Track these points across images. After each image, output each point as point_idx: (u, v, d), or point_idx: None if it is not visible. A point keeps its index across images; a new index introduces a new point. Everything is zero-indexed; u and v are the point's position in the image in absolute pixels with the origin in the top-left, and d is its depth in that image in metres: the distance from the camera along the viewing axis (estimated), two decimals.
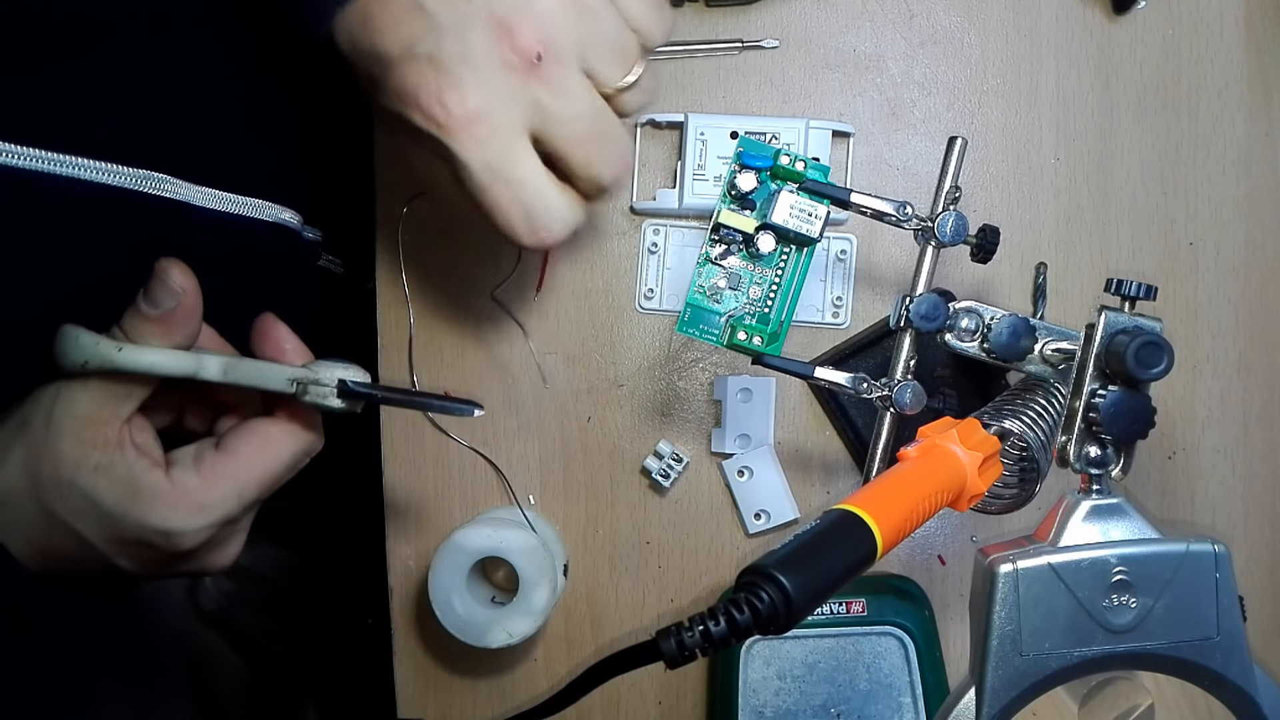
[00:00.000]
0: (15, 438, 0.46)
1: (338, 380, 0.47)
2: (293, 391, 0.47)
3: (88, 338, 0.45)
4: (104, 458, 0.45)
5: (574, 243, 0.64)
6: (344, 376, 0.47)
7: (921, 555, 0.65)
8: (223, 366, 0.47)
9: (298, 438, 0.49)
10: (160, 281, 0.45)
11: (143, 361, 0.45)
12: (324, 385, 0.47)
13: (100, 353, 0.45)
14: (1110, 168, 0.64)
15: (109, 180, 0.47)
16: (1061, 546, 0.43)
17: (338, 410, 0.48)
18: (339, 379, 0.47)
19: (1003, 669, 0.42)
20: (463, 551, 0.58)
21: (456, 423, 0.64)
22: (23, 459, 0.45)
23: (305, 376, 0.47)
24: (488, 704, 0.65)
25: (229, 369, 0.47)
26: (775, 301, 0.53)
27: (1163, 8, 0.64)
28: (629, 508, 0.64)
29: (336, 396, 0.47)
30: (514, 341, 0.64)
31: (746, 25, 0.64)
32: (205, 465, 0.47)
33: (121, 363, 0.45)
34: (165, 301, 0.45)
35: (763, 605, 0.34)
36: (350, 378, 0.47)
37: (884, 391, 0.50)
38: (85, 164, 0.46)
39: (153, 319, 0.45)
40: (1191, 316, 0.64)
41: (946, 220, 0.50)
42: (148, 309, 0.45)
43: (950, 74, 0.64)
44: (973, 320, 0.50)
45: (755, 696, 0.60)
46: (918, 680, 0.60)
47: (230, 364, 0.47)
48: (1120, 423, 0.44)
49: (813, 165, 0.52)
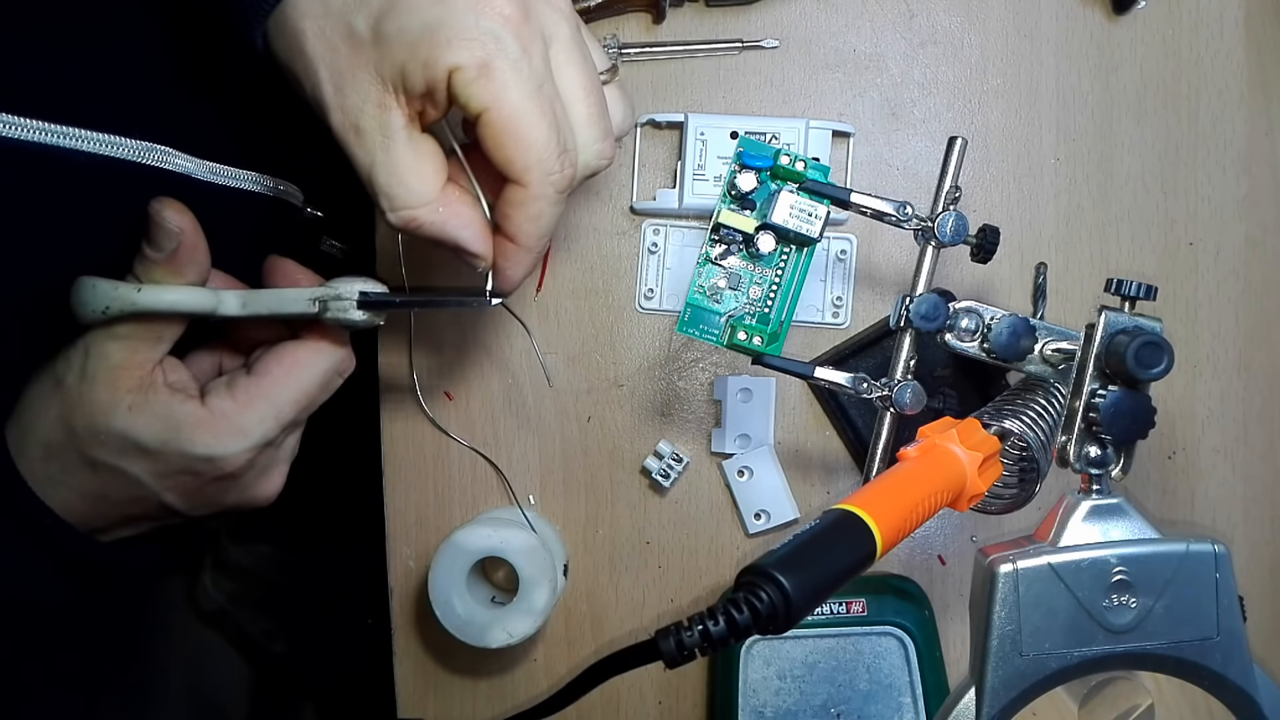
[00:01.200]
0: (51, 394, 0.47)
1: (357, 292, 0.48)
2: (315, 311, 0.48)
3: (105, 284, 0.46)
4: (137, 399, 0.47)
5: (574, 243, 0.64)
6: (362, 289, 0.49)
7: (921, 555, 0.65)
8: (241, 299, 0.49)
9: (326, 354, 0.51)
10: (156, 224, 0.46)
11: (163, 300, 0.47)
12: (344, 299, 0.48)
13: (120, 296, 0.46)
14: (1110, 168, 0.64)
15: (111, 153, 0.47)
16: (1061, 546, 0.43)
17: (360, 324, 0.49)
18: (359, 291, 0.48)
19: (1003, 669, 0.42)
20: (463, 551, 0.58)
21: (456, 422, 0.64)
22: (59, 414, 0.47)
23: (325, 294, 0.48)
24: (488, 704, 0.65)
25: (248, 301, 0.49)
26: (775, 301, 0.53)
27: (1163, 8, 0.64)
28: (629, 508, 0.65)
29: (357, 309, 0.48)
30: (514, 341, 0.64)
31: (746, 25, 0.64)
32: (239, 389, 0.49)
33: (142, 303, 0.46)
34: (166, 243, 0.46)
35: (762, 605, 0.34)
36: (368, 289, 0.49)
37: (884, 391, 0.50)
38: (87, 136, 0.46)
39: (160, 262, 0.47)
40: (1191, 316, 0.65)
41: (946, 220, 0.50)
42: (152, 253, 0.47)
43: (950, 74, 0.64)
44: (973, 320, 0.50)
45: (755, 696, 0.60)
46: (918, 680, 0.60)
47: (249, 295, 0.49)
48: (1120, 423, 0.44)
49: (813, 165, 0.52)
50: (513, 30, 0.42)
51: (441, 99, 0.43)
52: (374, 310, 0.49)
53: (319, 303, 0.48)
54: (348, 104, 0.44)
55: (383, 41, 0.43)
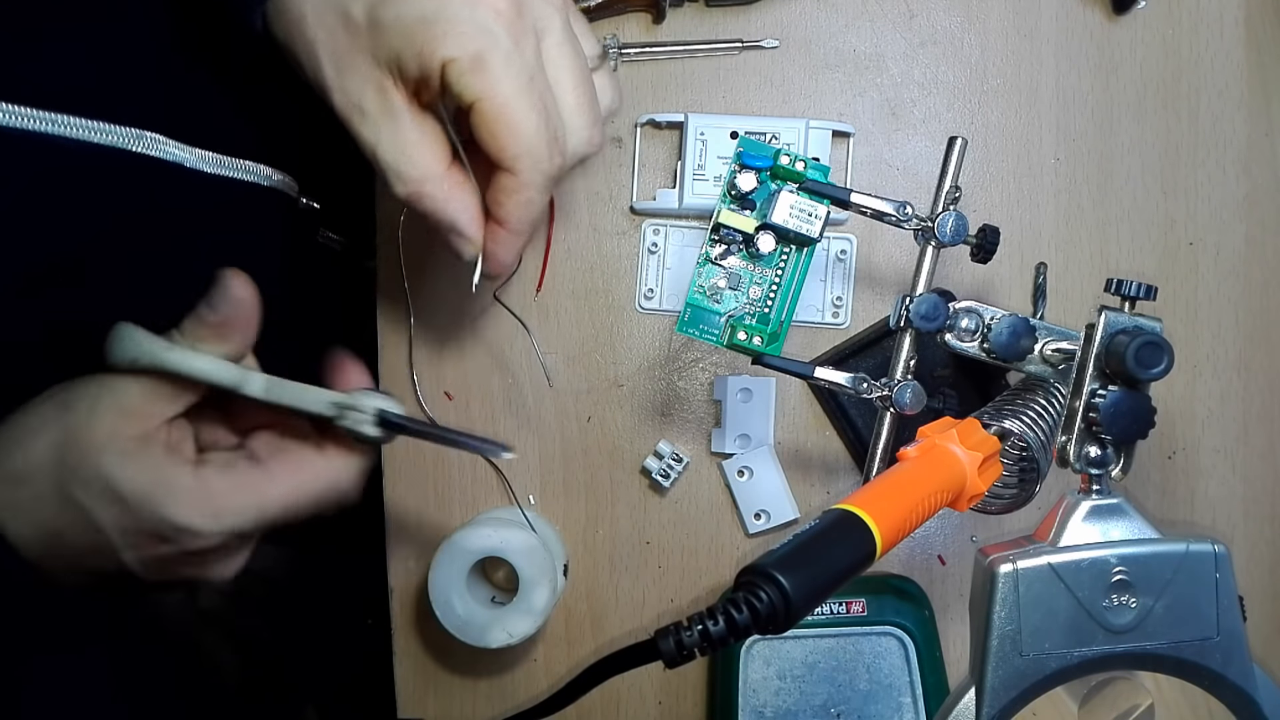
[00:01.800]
0: (53, 418, 0.46)
1: (376, 410, 0.48)
2: (331, 415, 0.48)
3: (141, 335, 0.46)
4: (134, 446, 0.46)
5: (574, 243, 0.64)
6: (383, 407, 0.48)
7: (921, 555, 0.65)
8: (266, 384, 0.48)
9: (331, 469, 0.49)
10: (222, 289, 0.46)
11: (191, 365, 0.46)
12: (362, 413, 0.48)
13: (150, 350, 0.46)
14: (1110, 168, 0.64)
15: (103, 140, 0.47)
16: (1061, 546, 0.43)
17: (373, 439, 0.48)
18: (378, 409, 0.48)
19: (1003, 669, 0.42)
20: (463, 551, 0.58)
21: (456, 422, 0.64)
22: (54, 439, 0.46)
23: (345, 401, 0.48)
24: (488, 704, 0.65)
25: (272, 387, 0.48)
26: (775, 301, 0.53)
27: (1163, 8, 0.64)
28: (629, 508, 0.65)
29: (374, 426, 0.48)
30: (514, 341, 0.64)
31: (746, 25, 0.64)
32: (235, 472, 0.48)
33: (170, 362, 0.46)
34: (223, 308, 0.46)
35: (761, 605, 0.34)
36: (389, 408, 0.48)
37: (884, 391, 0.50)
38: (80, 123, 0.46)
39: (210, 323, 0.46)
40: (1191, 316, 0.64)
41: (946, 220, 0.50)
42: (207, 313, 0.46)
43: (950, 74, 0.64)
44: (973, 320, 0.50)
45: (755, 696, 0.60)
46: (918, 680, 0.60)
47: (274, 383, 0.48)
48: (1120, 423, 0.44)
49: (813, 165, 0.52)
50: (505, 24, 0.43)
51: (435, 86, 0.44)
52: (390, 430, 0.48)
53: (338, 408, 0.48)
54: (349, 86, 0.44)
55: (379, 29, 0.43)
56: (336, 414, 0.48)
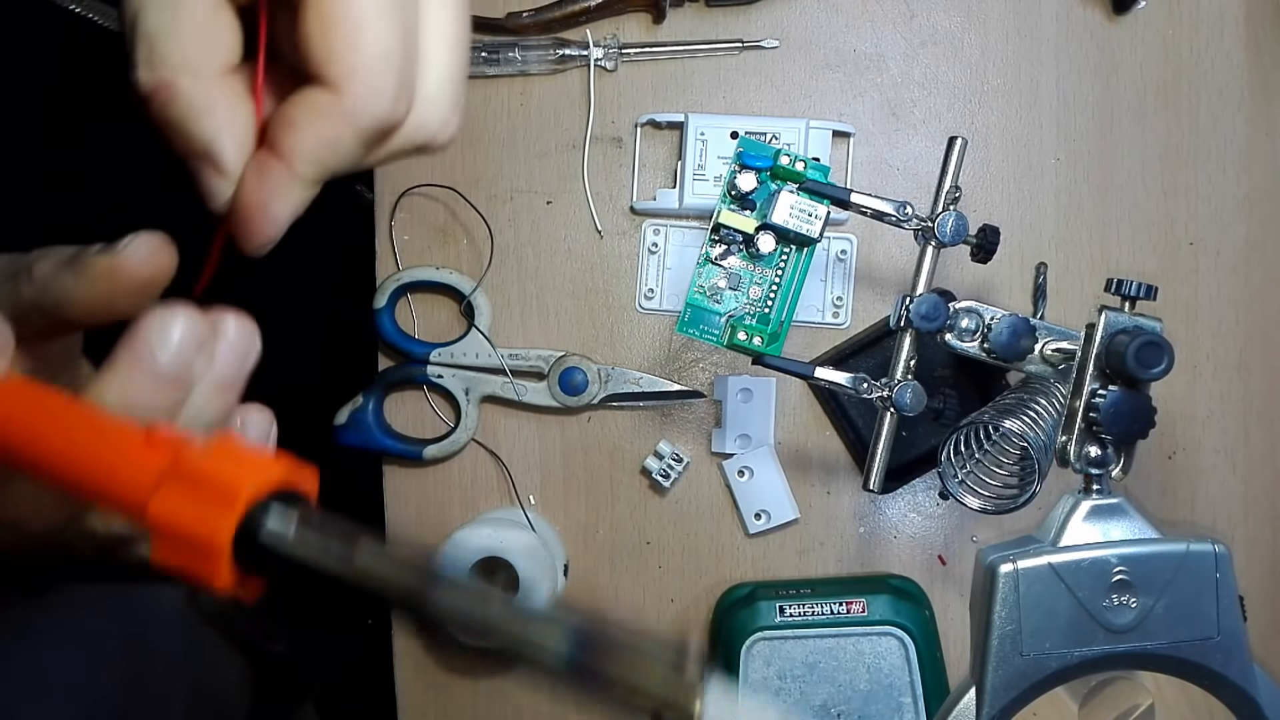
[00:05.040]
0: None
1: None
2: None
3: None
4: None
5: (574, 243, 0.64)
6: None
7: (921, 555, 0.65)
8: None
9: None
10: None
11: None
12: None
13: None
14: (1110, 168, 0.64)
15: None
16: (1062, 546, 0.43)
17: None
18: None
19: (1003, 669, 0.42)
20: (463, 551, 0.58)
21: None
22: None
23: None
24: (488, 704, 0.65)
25: None
26: (775, 301, 0.53)
27: (1163, 8, 0.64)
28: (629, 508, 0.64)
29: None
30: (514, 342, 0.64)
31: (746, 25, 0.64)
32: None
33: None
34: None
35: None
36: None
37: (884, 391, 0.50)
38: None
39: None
40: (1191, 316, 0.64)
41: (946, 220, 0.50)
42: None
43: (950, 74, 0.64)
44: (973, 320, 0.50)
45: (755, 696, 0.60)
46: (918, 680, 0.60)
47: None
48: (1120, 423, 0.44)
49: (813, 165, 0.52)
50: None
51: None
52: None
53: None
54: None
55: None
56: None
